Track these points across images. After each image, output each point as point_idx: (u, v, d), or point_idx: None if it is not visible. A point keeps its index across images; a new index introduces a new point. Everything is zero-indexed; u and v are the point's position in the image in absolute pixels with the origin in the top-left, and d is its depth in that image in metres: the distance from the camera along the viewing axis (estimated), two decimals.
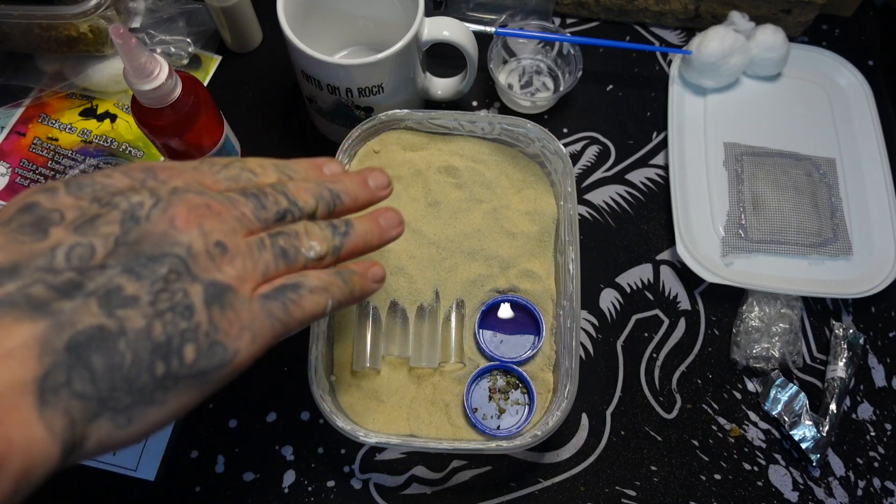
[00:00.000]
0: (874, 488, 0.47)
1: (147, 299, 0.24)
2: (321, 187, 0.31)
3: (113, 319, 0.23)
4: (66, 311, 0.23)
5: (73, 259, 0.23)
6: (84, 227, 0.24)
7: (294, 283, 0.28)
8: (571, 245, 0.45)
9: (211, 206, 0.26)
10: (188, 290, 0.25)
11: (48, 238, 0.24)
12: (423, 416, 0.44)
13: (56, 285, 0.23)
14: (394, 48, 0.45)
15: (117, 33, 0.34)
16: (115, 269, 0.24)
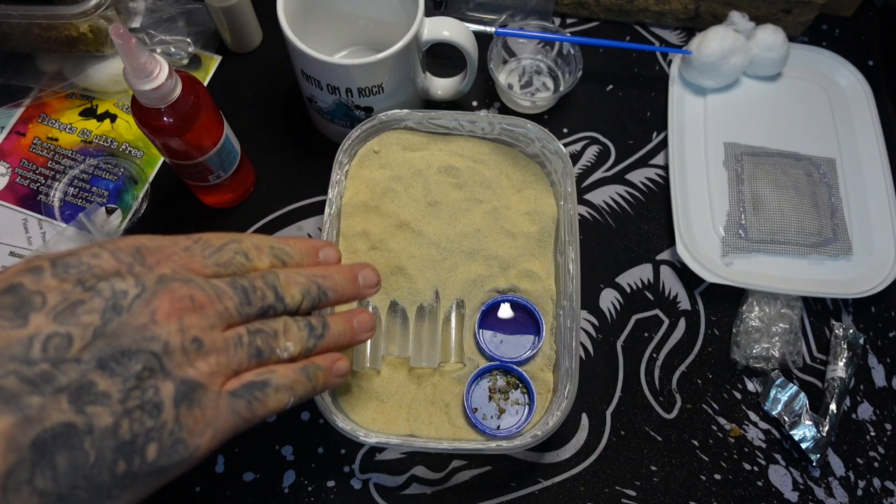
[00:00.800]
0: (874, 488, 0.47)
1: (118, 397, 0.24)
2: (311, 282, 0.31)
3: (81, 416, 0.23)
4: (35, 406, 0.22)
5: (49, 349, 0.23)
6: (64, 315, 0.24)
7: (262, 382, 0.28)
8: (571, 245, 0.45)
9: (195, 299, 0.26)
10: (159, 388, 0.25)
11: (27, 325, 0.23)
12: (423, 416, 0.44)
13: (29, 377, 0.23)
14: (394, 48, 0.45)
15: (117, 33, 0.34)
16: (89, 363, 0.23)
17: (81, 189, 0.54)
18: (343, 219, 0.48)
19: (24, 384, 0.22)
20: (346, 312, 0.34)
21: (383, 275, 0.47)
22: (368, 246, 0.48)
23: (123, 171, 0.54)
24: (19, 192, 0.53)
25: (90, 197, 0.53)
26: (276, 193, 0.54)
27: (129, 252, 0.27)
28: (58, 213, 0.53)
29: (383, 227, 0.48)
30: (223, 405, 0.27)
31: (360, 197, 0.49)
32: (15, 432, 0.22)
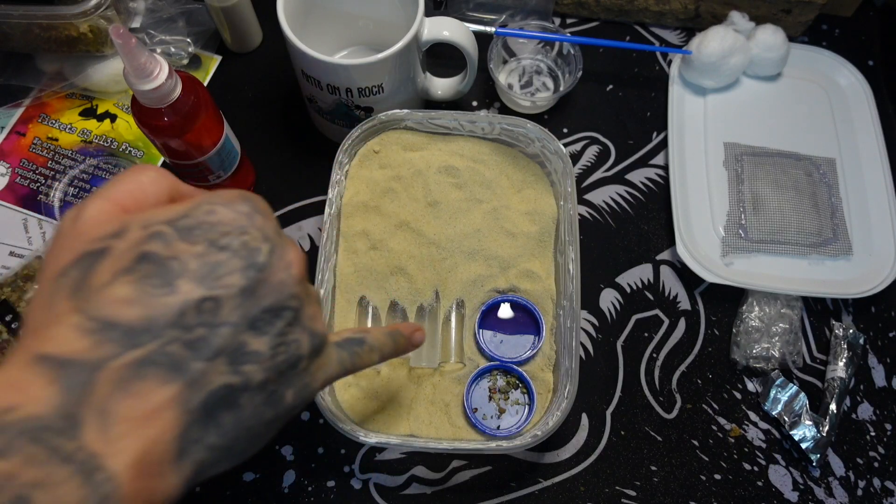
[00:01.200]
0: (874, 488, 0.47)
1: (268, 354, 0.25)
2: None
3: (238, 376, 0.24)
4: (199, 370, 0.23)
5: (202, 314, 0.24)
6: (209, 278, 0.24)
7: (359, 339, 0.31)
8: (571, 245, 0.45)
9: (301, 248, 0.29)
10: (300, 342, 0.26)
11: (177, 292, 0.23)
12: (423, 416, 0.44)
13: (189, 342, 0.23)
14: (394, 48, 0.45)
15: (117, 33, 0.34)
16: (240, 325, 0.24)
17: (81, 189, 0.54)
18: (343, 219, 0.48)
19: (186, 350, 0.23)
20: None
21: (383, 275, 0.47)
22: (368, 246, 0.48)
23: (123, 171, 0.54)
24: (19, 191, 0.53)
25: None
26: (276, 193, 0.54)
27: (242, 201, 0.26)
28: (58, 213, 0.53)
29: (383, 227, 0.48)
30: (333, 354, 0.29)
31: (360, 197, 0.49)
32: (186, 397, 0.23)
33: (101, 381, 0.22)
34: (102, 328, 0.23)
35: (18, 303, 0.47)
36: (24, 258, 0.49)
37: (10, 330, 0.46)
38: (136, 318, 0.23)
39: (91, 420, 0.22)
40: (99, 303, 0.23)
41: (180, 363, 0.23)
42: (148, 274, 0.24)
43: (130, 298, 0.23)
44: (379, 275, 0.47)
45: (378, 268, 0.47)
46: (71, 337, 0.23)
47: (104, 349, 0.22)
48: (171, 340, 0.23)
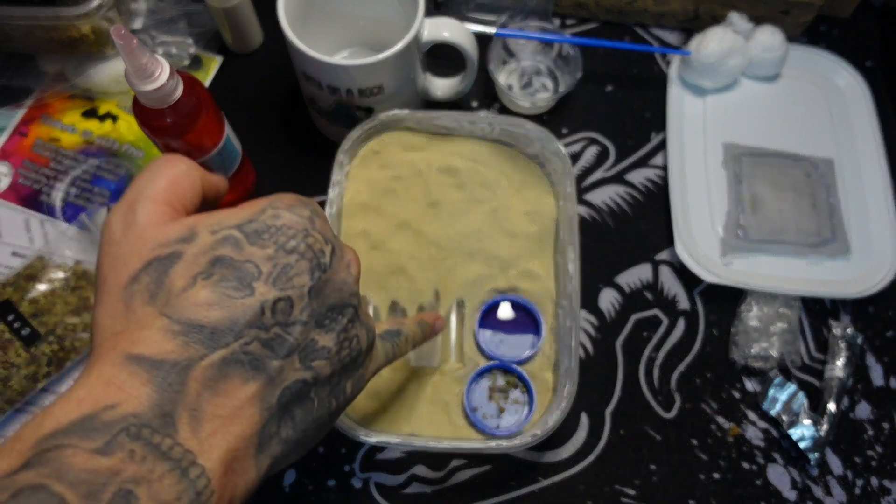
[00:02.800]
0: (872, 487, 0.48)
1: (335, 349, 0.27)
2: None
3: (310, 371, 0.26)
4: (276, 368, 0.25)
5: (277, 314, 0.25)
6: (281, 280, 0.25)
7: (397, 331, 0.34)
8: (571, 245, 0.45)
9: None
10: (360, 337, 0.28)
11: (255, 294, 0.25)
12: (423, 416, 0.44)
13: (267, 342, 0.25)
14: (394, 49, 0.45)
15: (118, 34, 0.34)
16: (309, 323, 0.26)
17: (83, 189, 0.54)
18: (343, 219, 0.48)
19: (264, 349, 0.25)
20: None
21: (383, 275, 0.47)
22: (369, 246, 0.48)
23: (125, 171, 0.55)
24: (22, 192, 0.54)
25: (92, 197, 0.54)
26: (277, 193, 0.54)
27: (301, 205, 0.28)
28: (60, 213, 0.53)
29: (384, 227, 0.48)
30: (380, 347, 0.32)
31: (360, 197, 0.49)
32: (265, 393, 0.25)
33: (192, 381, 0.23)
34: (189, 330, 0.24)
35: (20, 302, 0.47)
36: (26, 258, 0.49)
37: (12, 329, 0.46)
38: (219, 320, 0.24)
39: (184, 419, 0.23)
40: (182, 306, 0.24)
41: (260, 361, 0.25)
42: (225, 277, 0.25)
43: (211, 301, 0.24)
44: (379, 275, 0.47)
45: (378, 268, 0.47)
46: (160, 339, 0.24)
47: (192, 350, 0.24)
48: (252, 340, 0.24)
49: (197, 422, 0.23)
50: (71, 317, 0.47)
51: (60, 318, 0.47)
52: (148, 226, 0.27)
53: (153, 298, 0.25)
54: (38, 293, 0.48)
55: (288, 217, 0.27)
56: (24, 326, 0.46)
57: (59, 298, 0.48)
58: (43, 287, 0.48)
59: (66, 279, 0.48)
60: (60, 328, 0.47)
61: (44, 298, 0.47)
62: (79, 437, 0.21)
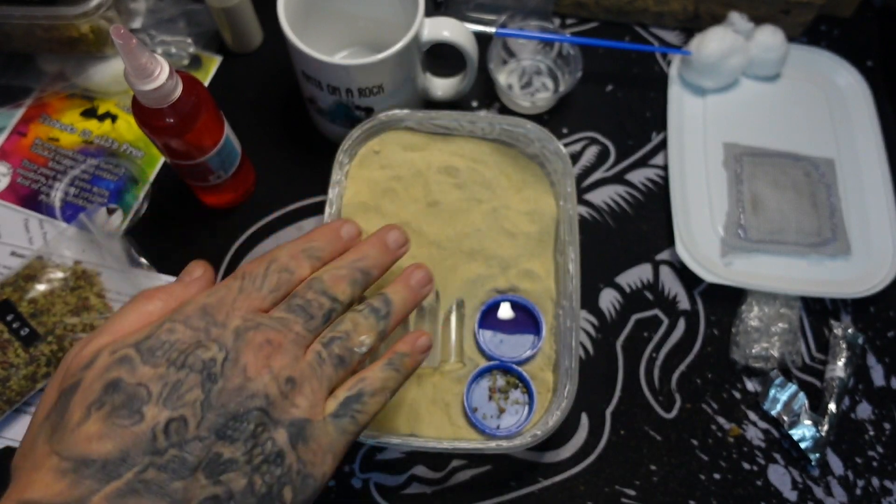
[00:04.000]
0: (873, 487, 0.48)
1: (244, 459, 0.25)
2: (353, 271, 0.32)
3: (220, 486, 0.25)
4: (180, 489, 0.24)
5: (171, 436, 0.25)
6: (171, 399, 0.25)
7: (357, 394, 0.30)
8: (571, 245, 0.45)
9: (271, 341, 0.28)
10: (275, 438, 0.26)
11: (144, 419, 0.25)
12: (423, 416, 0.44)
13: (163, 465, 0.24)
14: (394, 48, 0.45)
15: (118, 34, 0.34)
16: (209, 437, 0.25)
17: (82, 189, 0.54)
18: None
19: (162, 473, 0.24)
20: (400, 277, 0.35)
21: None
22: None
23: (124, 171, 0.55)
24: (20, 192, 0.53)
25: (91, 197, 0.54)
26: (277, 193, 0.54)
27: (198, 315, 0.28)
28: (59, 213, 0.53)
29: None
30: (331, 430, 0.28)
31: (360, 197, 0.49)
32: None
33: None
34: (78, 467, 0.23)
35: (20, 303, 0.47)
36: (25, 258, 0.49)
37: (11, 329, 0.46)
38: (109, 452, 0.24)
39: None
40: (72, 442, 0.24)
41: (159, 486, 0.24)
42: (115, 406, 0.25)
43: (101, 434, 0.24)
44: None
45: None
46: (50, 480, 0.23)
47: (82, 487, 0.23)
48: (146, 467, 0.24)
49: None
50: (70, 317, 0.47)
51: (59, 319, 0.47)
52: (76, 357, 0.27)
53: (52, 434, 0.25)
54: (37, 293, 0.47)
55: (181, 331, 0.27)
56: (24, 327, 0.46)
57: (59, 298, 0.48)
58: (42, 287, 0.48)
59: (65, 279, 0.48)
60: (59, 328, 0.47)
61: (43, 298, 0.47)
62: None
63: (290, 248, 0.32)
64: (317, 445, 0.28)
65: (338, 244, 0.34)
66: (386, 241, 0.35)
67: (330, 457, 0.28)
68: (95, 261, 0.49)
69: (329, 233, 0.34)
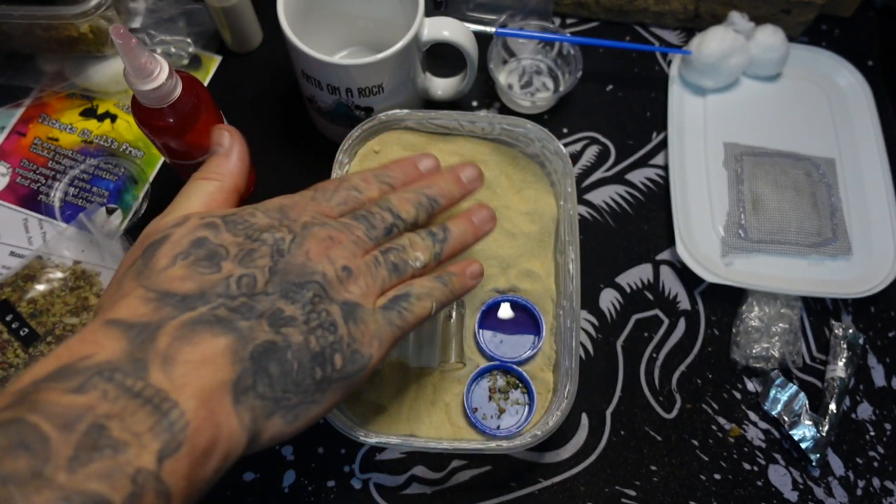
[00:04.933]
0: (874, 488, 0.47)
1: (302, 318, 0.29)
2: (420, 195, 0.36)
3: (280, 335, 0.28)
4: (246, 328, 0.27)
5: (242, 287, 0.28)
6: (245, 260, 0.29)
7: (405, 294, 0.33)
8: (571, 245, 0.45)
9: (333, 237, 0.32)
10: (329, 310, 0.30)
11: (221, 270, 0.29)
12: (423, 416, 0.44)
13: (234, 307, 0.28)
14: (394, 48, 0.45)
15: (117, 33, 0.34)
16: (274, 295, 0.29)
17: (82, 189, 0.54)
18: None
19: (233, 313, 0.28)
20: (465, 212, 0.37)
21: None
22: None
23: (124, 171, 0.54)
24: (20, 192, 0.53)
25: (90, 197, 0.53)
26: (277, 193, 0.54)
27: (276, 209, 0.32)
28: (58, 213, 0.53)
29: None
30: (380, 319, 0.32)
31: None
32: (236, 347, 0.27)
33: (163, 335, 0.26)
34: (161, 297, 0.27)
35: (19, 303, 0.47)
36: (24, 258, 0.49)
37: (11, 330, 0.46)
38: (189, 289, 0.28)
39: (156, 364, 0.25)
40: (159, 280, 0.28)
41: (229, 322, 0.27)
42: (199, 257, 0.29)
43: (184, 276, 0.28)
44: None
45: None
46: (135, 304, 0.27)
47: (163, 312, 0.27)
48: (219, 306, 0.27)
49: (168, 366, 0.25)
50: (69, 317, 0.47)
51: (59, 319, 0.47)
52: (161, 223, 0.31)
53: (139, 275, 0.28)
54: (37, 293, 0.47)
55: (260, 217, 0.32)
56: (23, 327, 0.46)
57: (58, 299, 0.48)
58: (41, 287, 0.48)
59: (64, 279, 0.48)
60: (59, 328, 0.47)
61: (42, 299, 0.47)
62: (55, 382, 0.24)
63: (364, 173, 0.36)
64: (365, 328, 0.31)
65: (412, 173, 0.37)
66: (459, 175, 0.38)
67: (377, 342, 0.31)
68: (95, 261, 0.49)
69: (406, 164, 0.37)
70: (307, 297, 0.29)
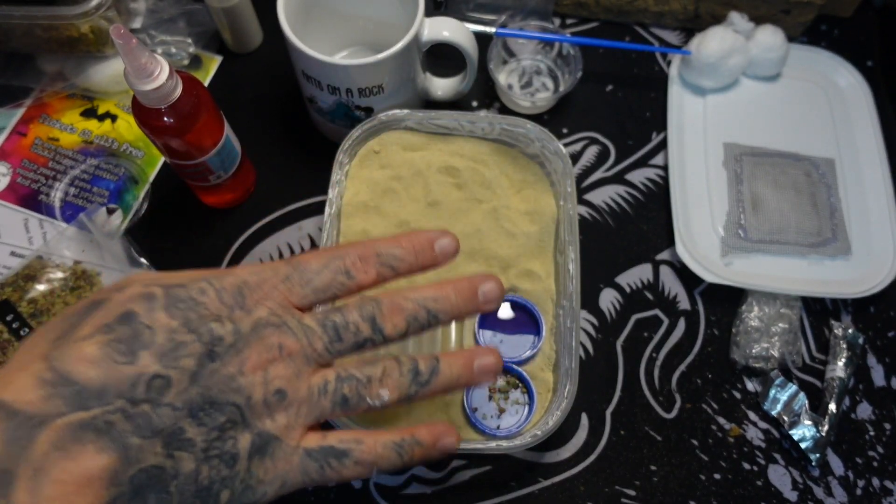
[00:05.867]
0: (873, 487, 0.47)
1: (202, 446, 0.25)
2: (420, 308, 0.29)
3: (170, 460, 0.24)
4: (135, 447, 0.24)
5: (151, 390, 0.24)
6: (168, 357, 0.25)
7: (342, 451, 0.28)
8: (571, 245, 0.45)
9: (283, 346, 0.27)
10: (237, 440, 0.26)
11: (136, 363, 0.24)
12: (423, 416, 0.44)
13: (132, 416, 0.24)
14: (394, 48, 0.45)
15: (118, 34, 0.34)
16: (181, 410, 0.25)
17: (82, 189, 0.54)
18: (343, 219, 0.48)
19: (128, 423, 0.24)
20: (467, 352, 0.30)
21: None
22: None
23: (124, 171, 0.55)
24: (20, 192, 0.53)
25: (91, 197, 0.54)
26: (277, 193, 0.54)
27: (233, 293, 0.27)
28: (59, 213, 0.53)
29: (383, 227, 0.48)
30: (296, 461, 0.27)
31: (360, 197, 0.49)
32: (118, 469, 0.23)
33: (43, 438, 0.23)
34: (58, 382, 0.24)
35: (19, 303, 0.47)
36: (24, 258, 0.49)
37: (11, 330, 0.46)
38: (90, 380, 0.24)
39: (24, 479, 0.22)
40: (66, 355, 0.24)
41: (119, 435, 0.24)
42: (119, 338, 0.25)
43: (93, 359, 0.24)
44: None
45: None
46: (27, 385, 0.24)
47: (52, 405, 0.23)
48: (116, 410, 0.24)
49: (38, 483, 0.22)
50: None
51: None
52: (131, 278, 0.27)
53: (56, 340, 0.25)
54: (37, 293, 0.47)
55: (211, 297, 0.27)
56: (23, 327, 0.46)
57: (58, 299, 0.48)
58: (42, 287, 0.48)
59: (64, 279, 0.48)
60: None
61: (43, 299, 0.47)
62: None
63: (366, 248, 0.29)
64: (272, 465, 0.26)
65: (424, 258, 0.30)
66: (477, 290, 0.30)
67: (279, 482, 0.27)
68: (95, 261, 0.49)
69: (421, 242, 0.30)
70: (218, 421, 0.25)
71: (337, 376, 0.28)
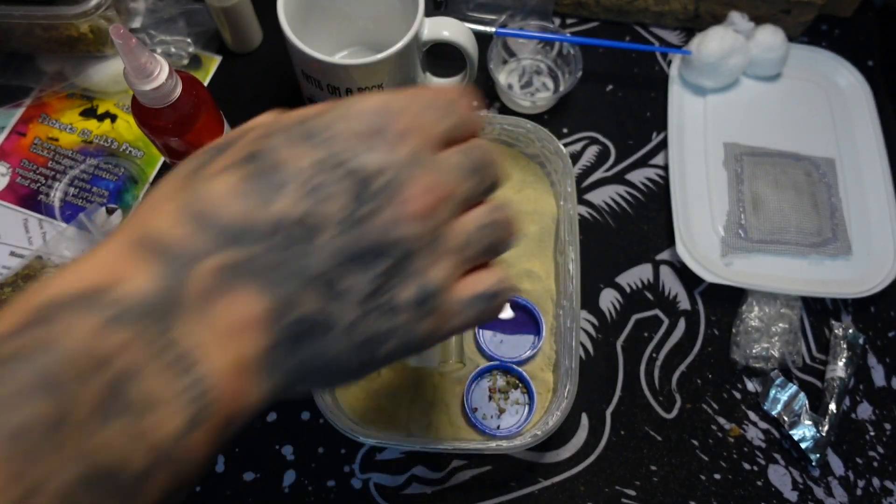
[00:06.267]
0: (873, 488, 0.47)
1: (359, 298, 0.23)
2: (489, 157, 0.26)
3: (327, 310, 0.22)
4: (291, 292, 0.22)
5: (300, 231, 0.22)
6: (314, 196, 0.22)
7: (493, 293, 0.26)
8: (571, 245, 0.45)
9: (443, 189, 0.24)
10: (399, 291, 0.23)
11: (278, 200, 0.22)
12: (423, 416, 0.44)
13: (282, 261, 0.22)
14: (394, 48, 0.45)
15: (117, 33, 0.34)
16: (337, 258, 0.22)
17: (82, 189, 0.54)
18: None
19: (280, 267, 0.22)
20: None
21: None
22: None
23: (124, 171, 0.54)
24: (20, 192, 0.53)
25: (90, 197, 0.53)
26: None
27: (378, 112, 0.23)
28: (58, 213, 0.53)
29: None
30: (455, 309, 0.25)
31: None
32: (277, 315, 0.22)
33: (198, 275, 0.21)
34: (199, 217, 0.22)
35: None
36: (24, 258, 0.49)
37: None
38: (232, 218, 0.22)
39: (188, 317, 0.21)
40: (199, 193, 0.22)
41: (276, 280, 0.22)
42: (254, 174, 0.22)
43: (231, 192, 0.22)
44: None
45: None
46: (168, 222, 0.22)
47: (201, 241, 0.21)
48: (267, 251, 0.22)
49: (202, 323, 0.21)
50: None
51: None
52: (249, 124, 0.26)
53: (185, 178, 0.23)
54: None
55: (356, 122, 0.23)
56: None
57: None
58: None
59: None
60: None
61: None
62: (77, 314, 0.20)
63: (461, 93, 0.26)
64: (431, 320, 0.24)
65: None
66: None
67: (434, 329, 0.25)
68: None
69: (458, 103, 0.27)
70: (379, 269, 0.23)
71: (479, 224, 0.25)
